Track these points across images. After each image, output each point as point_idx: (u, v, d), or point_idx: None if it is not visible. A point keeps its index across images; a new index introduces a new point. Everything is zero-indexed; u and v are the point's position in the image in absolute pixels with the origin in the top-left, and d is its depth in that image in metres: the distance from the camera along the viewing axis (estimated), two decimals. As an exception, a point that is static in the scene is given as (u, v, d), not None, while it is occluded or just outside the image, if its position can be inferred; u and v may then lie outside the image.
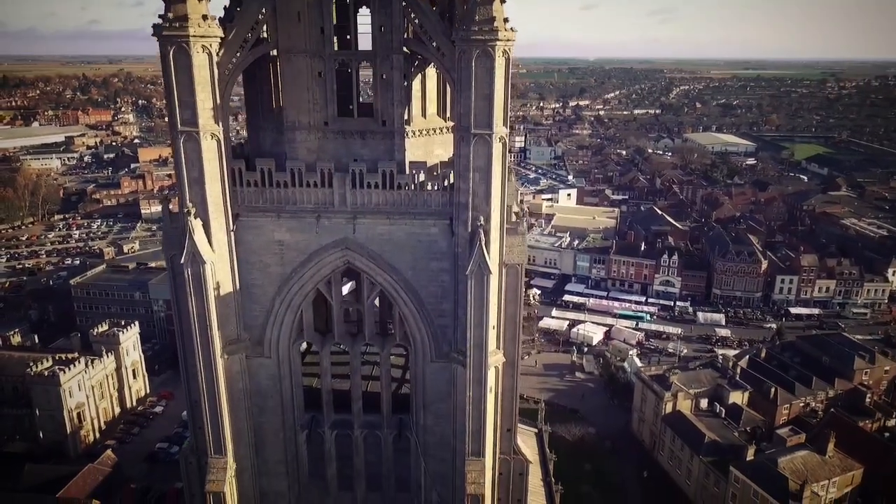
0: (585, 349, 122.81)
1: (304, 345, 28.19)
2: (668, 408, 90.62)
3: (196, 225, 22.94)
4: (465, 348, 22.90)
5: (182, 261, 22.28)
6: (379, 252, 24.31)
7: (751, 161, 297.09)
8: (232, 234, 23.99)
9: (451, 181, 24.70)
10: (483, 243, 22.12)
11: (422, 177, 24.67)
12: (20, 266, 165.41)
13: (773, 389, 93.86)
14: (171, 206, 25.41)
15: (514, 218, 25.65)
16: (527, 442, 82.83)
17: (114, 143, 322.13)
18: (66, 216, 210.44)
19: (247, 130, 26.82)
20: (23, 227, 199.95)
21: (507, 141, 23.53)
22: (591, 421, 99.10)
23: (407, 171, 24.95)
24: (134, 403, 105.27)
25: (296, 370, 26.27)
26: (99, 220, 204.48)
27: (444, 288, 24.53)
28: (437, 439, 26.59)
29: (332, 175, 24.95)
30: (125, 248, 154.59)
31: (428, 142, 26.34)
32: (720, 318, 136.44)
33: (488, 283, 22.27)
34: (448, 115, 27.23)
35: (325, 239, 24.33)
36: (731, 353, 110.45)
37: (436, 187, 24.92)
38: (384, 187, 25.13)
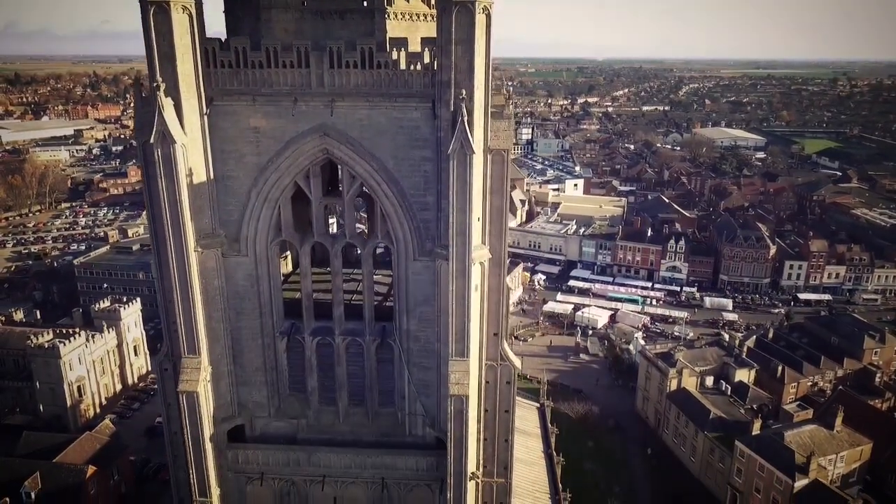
0: (590, 332, 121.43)
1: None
2: (673, 385, 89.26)
3: (166, 103, 21.91)
4: (449, 240, 21.91)
5: (152, 140, 21.33)
6: (359, 139, 23.22)
7: (760, 155, 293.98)
8: (206, 118, 23.06)
9: (434, 60, 23.55)
10: (465, 121, 21.00)
11: (402, 54, 23.58)
12: (26, 251, 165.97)
13: (780, 368, 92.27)
14: (143, 93, 24.43)
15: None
16: (528, 417, 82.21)
17: (122, 136, 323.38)
18: (73, 204, 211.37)
19: (224, 13, 25.84)
20: (30, 214, 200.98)
21: (492, 13, 22.44)
22: (595, 400, 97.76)
23: (387, 50, 23.84)
24: (135, 380, 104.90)
25: (274, 271, 25.35)
26: (105, 209, 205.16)
27: (427, 178, 23.48)
28: (421, 346, 25.60)
29: (310, 54, 23.87)
30: (130, 233, 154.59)
31: (411, 27, 25.25)
32: (727, 303, 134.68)
33: (471, 165, 21.18)
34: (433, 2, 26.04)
35: (302, 125, 23.30)
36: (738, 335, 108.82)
37: (417, 66, 23.81)
38: (363, 67, 23.98)
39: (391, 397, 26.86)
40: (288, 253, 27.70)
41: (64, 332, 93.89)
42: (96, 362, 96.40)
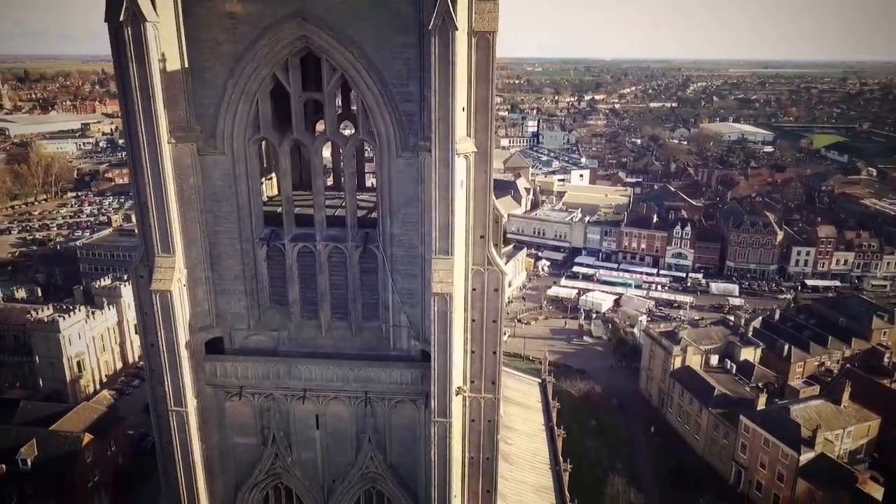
0: (594, 315, 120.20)
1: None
2: (677, 363, 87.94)
3: (137, -20, 21.27)
4: (431, 128, 20.93)
5: (121, 18, 20.48)
6: (338, 24, 22.28)
7: (768, 149, 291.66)
8: (179, 1, 22.16)
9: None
10: (448, -5, 20.07)
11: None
12: (31, 238, 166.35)
13: (786, 347, 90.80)
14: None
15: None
16: (529, 392, 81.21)
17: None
18: (79, 194, 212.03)
19: None
20: (35, 203, 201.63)
21: None
22: (598, 381, 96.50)
23: None
24: (136, 358, 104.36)
25: (253, 172, 24.45)
26: (111, 197, 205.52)
27: (410, 67, 22.50)
28: (406, 251, 24.64)
29: (285, -70, 22.95)
30: (134, 219, 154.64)
31: None
32: (733, 288, 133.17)
33: (454, 43, 20.12)
34: None
35: (279, 10, 22.41)
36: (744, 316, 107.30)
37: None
38: (342, -58, 22.97)
39: (375, 310, 25.93)
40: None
41: (64, 307, 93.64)
42: (96, 339, 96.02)
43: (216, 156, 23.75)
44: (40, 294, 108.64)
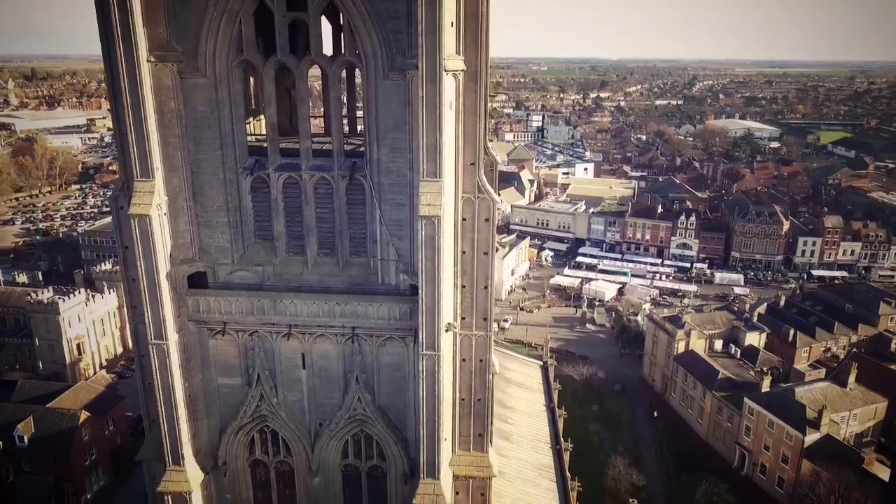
0: (598, 303, 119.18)
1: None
2: (681, 347, 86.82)
3: None
4: (418, 43, 20.10)
5: (97, -73, 19.96)
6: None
7: (775, 145, 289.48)
8: None
9: None
10: None
11: None
12: (34, 228, 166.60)
13: (791, 332, 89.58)
14: None
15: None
16: (530, 373, 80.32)
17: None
18: (83, 186, 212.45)
19: None
20: (40, 195, 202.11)
21: None
22: (601, 367, 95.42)
23: None
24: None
25: (236, 98, 23.62)
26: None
27: None
28: (393, 179, 23.82)
29: None
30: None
31: None
32: (738, 278, 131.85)
33: (440, -56, 19.40)
34: None
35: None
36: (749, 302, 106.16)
37: None
38: None
39: (363, 244, 25.12)
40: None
41: (64, 290, 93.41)
42: (96, 322, 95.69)
43: (198, 79, 23.05)
44: (41, 279, 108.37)
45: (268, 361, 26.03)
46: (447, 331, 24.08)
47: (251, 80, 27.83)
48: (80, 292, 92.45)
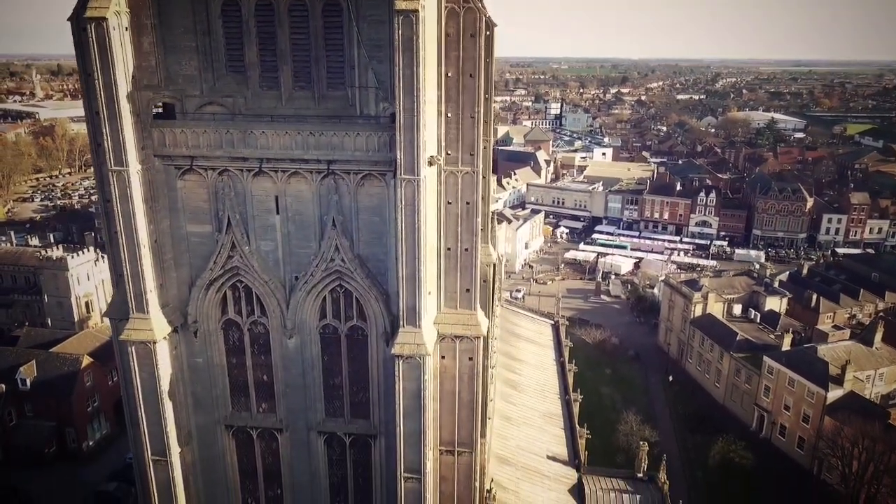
0: (613, 276, 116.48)
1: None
2: (698, 310, 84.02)
3: None
4: None
5: None
6: None
7: (799, 135, 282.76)
8: None
9: None
10: None
11: None
12: (52, 205, 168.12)
13: (814, 297, 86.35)
14: None
15: None
16: (542, 331, 78.25)
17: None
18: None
19: None
20: (60, 176, 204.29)
21: None
22: (615, 334, 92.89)
23: None
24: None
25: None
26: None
27: None
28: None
29: None
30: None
31: None
32: (759, 255, 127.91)
33: None
34: None
35: None
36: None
37: None
38: None
39: (340, 75, 23.33)
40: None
41: (73, 248, 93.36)
42: (105, 282, 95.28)
43: None
44: (53, 242, 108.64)
45: (239, 204, 24.34)
46: (430, 164, 22.27)
47: None
48: (89, 250, 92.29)
